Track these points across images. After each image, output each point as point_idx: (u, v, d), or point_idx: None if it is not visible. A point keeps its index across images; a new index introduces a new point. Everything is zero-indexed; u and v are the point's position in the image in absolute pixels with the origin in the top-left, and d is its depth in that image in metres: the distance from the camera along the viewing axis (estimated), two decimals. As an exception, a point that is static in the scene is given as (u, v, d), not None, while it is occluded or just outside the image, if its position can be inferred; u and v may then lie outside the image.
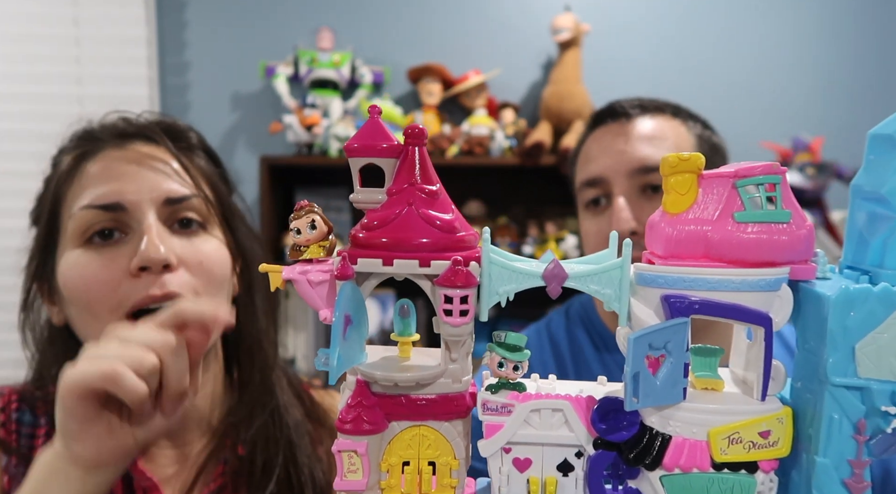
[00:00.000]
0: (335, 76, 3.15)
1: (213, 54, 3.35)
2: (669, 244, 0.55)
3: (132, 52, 3.26)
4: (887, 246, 0.51)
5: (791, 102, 3.29)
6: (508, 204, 3.27)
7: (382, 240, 0.58)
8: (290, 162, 3.08)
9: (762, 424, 0.52)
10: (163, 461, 1.11)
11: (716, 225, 0.53)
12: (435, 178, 0.62)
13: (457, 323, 0.57)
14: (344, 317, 0.55)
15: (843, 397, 0.49)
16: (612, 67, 3.28)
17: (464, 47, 3.32)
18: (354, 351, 0.58)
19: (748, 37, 3.33)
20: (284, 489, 1.10)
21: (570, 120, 3.07)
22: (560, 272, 0.56)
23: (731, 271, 0.53)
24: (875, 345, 0.48)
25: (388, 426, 0.60)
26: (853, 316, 0.48)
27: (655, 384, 0.52)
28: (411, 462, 0.61)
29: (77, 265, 1.02)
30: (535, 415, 0.58)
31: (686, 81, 3.24)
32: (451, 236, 0.59)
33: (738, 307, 0.52)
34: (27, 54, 3.24)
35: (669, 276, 0.53)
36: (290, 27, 3.30)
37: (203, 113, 3.35)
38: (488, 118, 3.10)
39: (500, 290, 0.57)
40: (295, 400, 1.21)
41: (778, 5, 3.32)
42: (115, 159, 1.08)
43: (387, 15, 3.31)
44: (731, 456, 0.52)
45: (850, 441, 0.49)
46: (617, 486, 0.57)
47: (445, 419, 0.60)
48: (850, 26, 3.32)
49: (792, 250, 0.53)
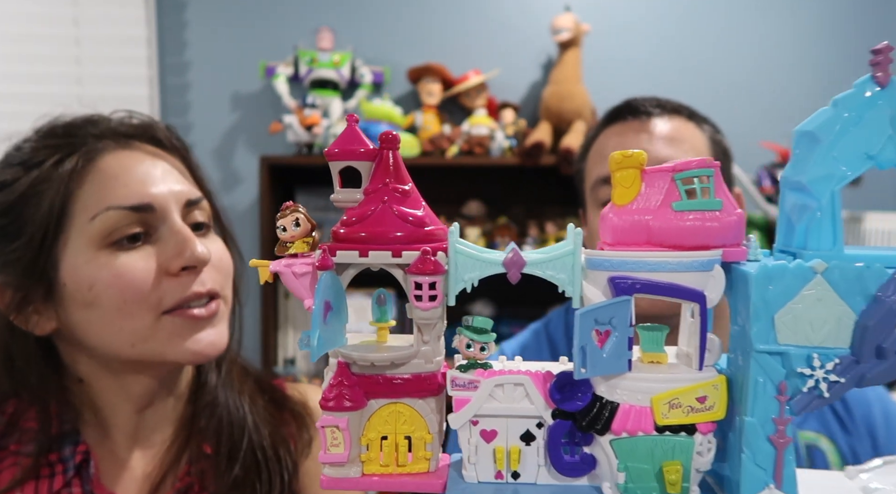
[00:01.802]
0: (335, 76, 3.22)
1: (213, 54, 3.42)
2: (616, 232, 0.63)
3: (132, 52, 3.35)
4: (809, 230, 0.59)
5: (791, 102, 3.34)
6: (508, 204, 3.33)
7: (360, 234, 0.65)
8: (290, 162, 3.14)
9: (699, 390, 0.60)
10: (130, 464, 1.15)
11: (656, 214, 0.61)
12: (407, 178, 0.69)
13: (426, 308, 0.65)
14: (324, 303, 0.62)
15: (766, 362, 0.57)
16: (612, 67, 3.34)
17: (464, 47, 3.39)
18: (335, 335, 0.66)
19: (748, 37, 3.39)
20: (252, 472, 1.14)
21: (570, 120, 3.12)
22: (518, 260, 0.63)
23: (668, 254, 0.60)
24: (792, 315, 0.56)
25: (367, 404, 0.68)
26: (772, 290, 0.56)
27: (602, 355, 0.60)
28: (389, 436, 0.68)
29: (108, 267, 1.03)
30: (498, 390, 0.65)
31: (686, 81, 3.30)
32: (422, 230, 0.66)
33: (674, 286, 0.60)
34: (27, 54, 3.33)
35: (615, 260, 0.61)
36: (290, 27, 3.37)
37: (203, 113, 3.44)
38: (488, 118, 3.17)
39: (465, 277, 0.65)
40: (255, 387, 1.27)
41: (778, 5, 3.39)
42: (130, 159, 1.09)
43: (387, 15, 3.38)
44: (671, 420, 0.60)
45: (773, 402, 0.57)
46: (574, 452, 0.65)
47: (419, 396, 0.68)
48: (850, 26, 3.37)
49: (723, 234, 0.61)
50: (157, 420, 1.18)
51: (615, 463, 0.61)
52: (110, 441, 1.15)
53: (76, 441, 1.10)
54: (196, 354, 1.07)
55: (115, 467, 1.14)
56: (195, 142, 3.40)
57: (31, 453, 1.08)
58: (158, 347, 1.05)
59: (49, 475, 1.08)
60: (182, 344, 1.06)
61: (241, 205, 3.41)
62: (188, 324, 1.06)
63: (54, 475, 1.08)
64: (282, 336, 3.24)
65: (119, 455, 1.15)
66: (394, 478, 0.68)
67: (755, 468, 0.57)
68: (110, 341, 1.05)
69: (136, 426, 1.16)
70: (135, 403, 1.14)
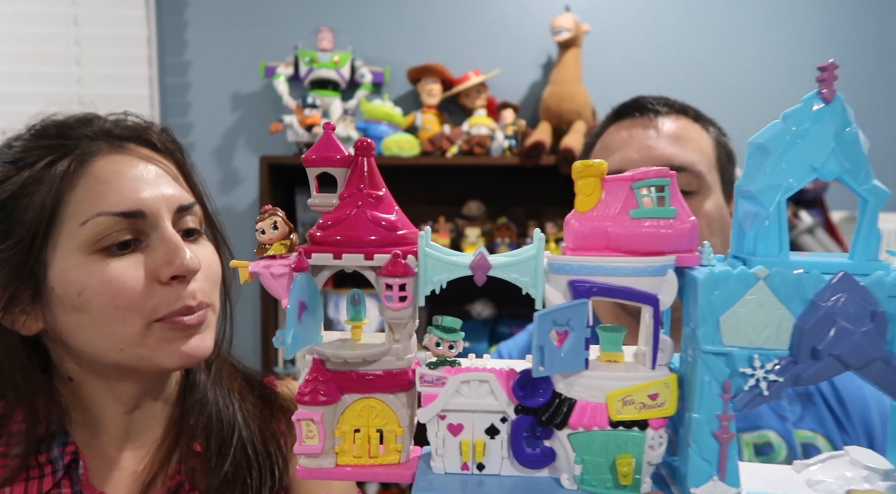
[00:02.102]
0: (335, 76, 3.24)
1: (213, 54, 3.45)
2: (577, 238, 0.67)
3: (132, 52, 3.38)
4: (758, 237, 0.62)
5: (791, 103, 3.33)
6: (508, 204, 3.36)
7: (336, 238, 0.69)
8: (290, 162, 3.15)
9: (651, 388, 0.64)
10: (120, 464, 1.16)
11: (615, 221, 0.65)
12: (381, 184, 0.73)
13: (396, 308, 0.68)
14: (298, 303, 0.66)
15: (712, 362, 0.61)
16: (612, 67, 3.37)
17: (464, 47, 3.42)
18: (310, 333, 0.70)
19: (748, 37, 3.42)
20: (242, 468, 1.16)
21: (570, 120, 3.15)
22: (484, 263, 0.67)
23: (624, 259, 0.64)
24: (735, 318, 0.60)
25: (340, 399, 0.72)
26: (717, 294, 0.60)
27: (560, 354, 0.64)
28: (361, 429, 0.72)
29: (98, 273, 1.02)
30: (465, 386, 0.69)
31: (686, 80, 3.32)
32: (394, 234, 0.70)
33: (629, 290, 0.64)
34: (27, 54, 3.35)
35: (574, 264, 0.65)
36: (290, 27, 3.40)
37: (203, 113, 3.47)
38: (488, 118, 3.19)
39: (434, 279, 0.69)
40: (244, 385, 1.28)
41: (778, 5, 3.42)
42: (123, 163, 1.08)
43: (387, 15, 3.42)
44: (625, 416, 0.64)
45: (718, 399, 0.61)
46: (535, 446, 0.68)
47: (391, 391, 0.72)
48: (850, 26, 3.39)
49: (676, 241, 0.65)
50: (147, 421, 1.19)
51: (572, 456, 0.66)
52: (100, 442, 1.15)
53: (65, 442, 1.11)
54: (183, 358, 1.08)
55: (105, 467, 1.15)
56: (195, 142, 3.43)
57: (18, 454, 1.08)
58: (147, 352, 1.06)
59: (38, 476, 1.09)
60: (169, 350, 1.07)
61: (241, 205, 3.44)
62: (178, 331, 1.07)
63: (43, 476, 1.08)
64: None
65: (109, 455, 1.15)
66: (366, 469, 0.72)
67: (701, 461, 0.61)
68: (98, 345, 1.06)
69: (125, 426, 1.17)
70: (123, 404, 1.15)
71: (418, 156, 3.10)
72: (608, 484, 0.65)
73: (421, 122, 3.22)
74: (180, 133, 3.39)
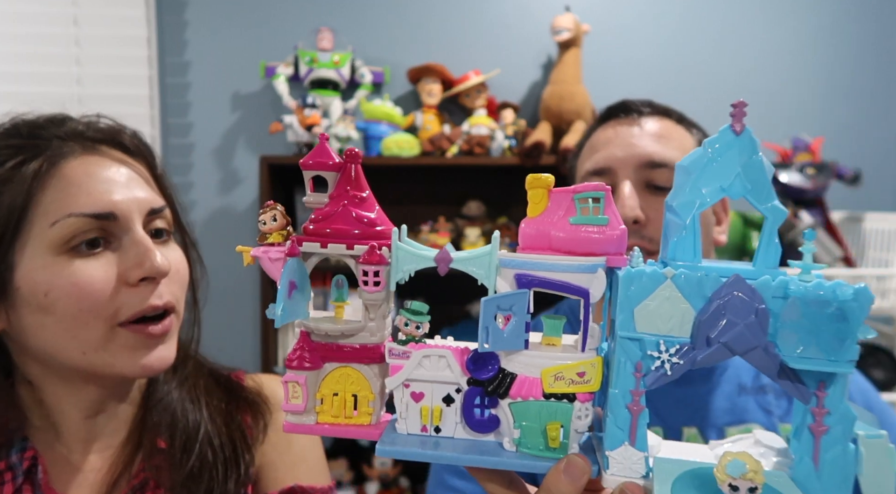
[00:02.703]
0: (335, 76, 3.30)
1: (213, 54, 3.51)
2: (526, 239, 0.79)
3: (132, 52, 3.44)
4: (678, 244, 0.75)
5: (791, 103, 3.40)
6: (508, 204, 3.41)
7: (326, 230, 0.82)
8: (290, 162, 3.18)
9: (580, 367, 0.76)
10: (83, 467, 1.17)
11: (557, 226, 0.78)
12: (365, 186, 0.86)
13: (371, 291, 0.81)
14: (289, 282, 0.80)
15: (627, 346, 0.72)
16: (612, 67, 3.45)
17: (464, 47, 3.48)
18: (299, 308, 0.83)
19: (748, 37, 3.49)
20: (207, 463, 1.17)
21: (570, 120, 3.21)
22: (446, 256, 0.79)
23: (562, 257, 0.76)
24: (646, 309, 0.72)
25: (323, 366, 0.85)
26: (633, 289, 0.72)
27: (503, 335, 0.77)
28: (339, 393, 0.85)
29: (66, 274, 1.03)
30: (426, 360, 0.81)
31: (686, 80, 3.35)
32: (373, 229, 0.83)
33: (564, 283, 0.76)
34: (27, 54, 3.41)
35: (520, 260, 0.77)
36: (290, 27, 3.46)
37: (203, 113, 3.53)
38: (488, 118, 3.24)
39: (404, 268, 0.81)
40: (211, 380, 1.30)
41: (778, 6, 3.49)
42: (94, 165, 1.09)
43: (387, 15, 3.48)
44: (556, 389, 0.77)
45: (631, 377, 0.72)
46: (483, 413, 0.80)
47: (365, 363, 0.85)
48: (850, 27, 3.47)
49: (607, 244, 0.76)
50: (111, 424, 1.20)
51: (512, 422, 0.78)
52: (62, 446, 1.16)
53: (24, 448, 1.11)
54: (145, 369, 1.09)
55: (68, 471, 1.15)
56: (195, 142, 3.47)
57: None
58: (109, 358, 1.07)
59: None
60: (132, 358, 1.08)
61: (241, 205, 3.49)
62: (142, 340, 1.08)
63: (4, 483, 1.09)
64: (282, 336, 3.28)
65: (72, 458, 1.16)
66: (341, 427, 0.85)
67: (616, 429, 0.73)
68: (62, 347, 1.06)
69: (88, 431, 1.17)
70: (85, 409, 1.16)
71: (418, 156, 3.14)
72: (541, 447, 0.77)
73: (421, 122, 3.28)
74: (180, 133, 3.45)
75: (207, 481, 1.15)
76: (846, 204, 3.14)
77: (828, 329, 0.64)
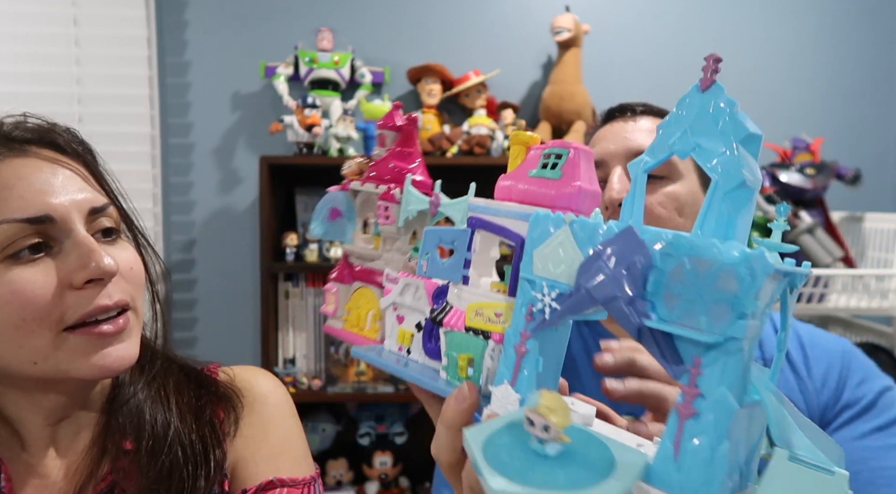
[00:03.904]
0: (335, 76, 3.39)
1: (213, 54, 3.59)
2: (498, 191, 0.88)
3: (132, 52, 3.52)
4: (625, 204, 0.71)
5: (791, 103, 3.52)
6: (508, 204, 3.40)
7: (371, 174, 1.03)
8: (290, 162, 3.26)
9: (498, 308, 0.80)
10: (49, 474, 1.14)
11: (519, 178, 0.86)
12: (414, 145, 1.04)
13: (383, 223, 0.99)
14: (331, 209, 1.03)
15: (525, 287, 0.74)
16: (612, 67, 3.56)
17: (464, 47, 3.57)
18: (341, 232, 1.04)
19: (748, 37, 3.59)
20: (177, 462, 1.15)
21: (570, 120, 3.34)
22: (437, 201, 0.94)
23: (507, 204, 0.85)
24: (543, 253, 0.73)
25: (353, 283, 1.04)
26: (537, 232, 0.74)
27: (442, 265, 0.88)
28: (361, 308, 1.03)
29: (4, 283, 0.99)
30: (408, 288, 0.93)
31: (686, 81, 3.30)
32: (402, 176, 1.00)
33: (503, 228, 0.83)
34: (27, 54, 3.48)
35: (477, 205, 0.87)
36: (290, 27, 3.55)
37: (203, 113, 3.62)
38: (488, 118, 3.33)
39: (409, 208, 0.96)
40: (181, 376, 1.28)
41: (778, 6, 3.59)
42: (26, 167, 1.04)
43: (387, 15, 3.57)
44: (475, 324, 0.82)
45: (522, 319, 0.74)
46: (431, 339, 0.90)
47: (377, 285, 1.01)
48: (850, 27, 3.62)
49: (557, 199, 0.80)
50: (76, 430, 1.17)
51: (444, 350, 0.86)
52: (27, 455, 1.13)
53: None
54: (103, 370, 1.06)
55: (34, 479, 1.13)
56: (195, 142, 3.52)
57: None
58: (62, 365, 1.03)
59: None
60: (88, 361, 1.04)
61: (241, 205, 3.53)
62: (94, 341, 1.04)
63: None
64: (282, 336, 3.34)
65: (37, 466, 1.14)
66: (355, 336, 1.02)
67: (503, 367, 0.76)
68: (11, 359, 1.03)
69: (51, 438, 1.15)
70: (47, 417, 1.14)
71: (418, 155, 3.14)
72: (456, 375, 0.84)
73: (421, 122, 3.35)
74: (180, 133, 3.51)
75: (178, 480, 1.14)
76: (846, 204, 3.21)
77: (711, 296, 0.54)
